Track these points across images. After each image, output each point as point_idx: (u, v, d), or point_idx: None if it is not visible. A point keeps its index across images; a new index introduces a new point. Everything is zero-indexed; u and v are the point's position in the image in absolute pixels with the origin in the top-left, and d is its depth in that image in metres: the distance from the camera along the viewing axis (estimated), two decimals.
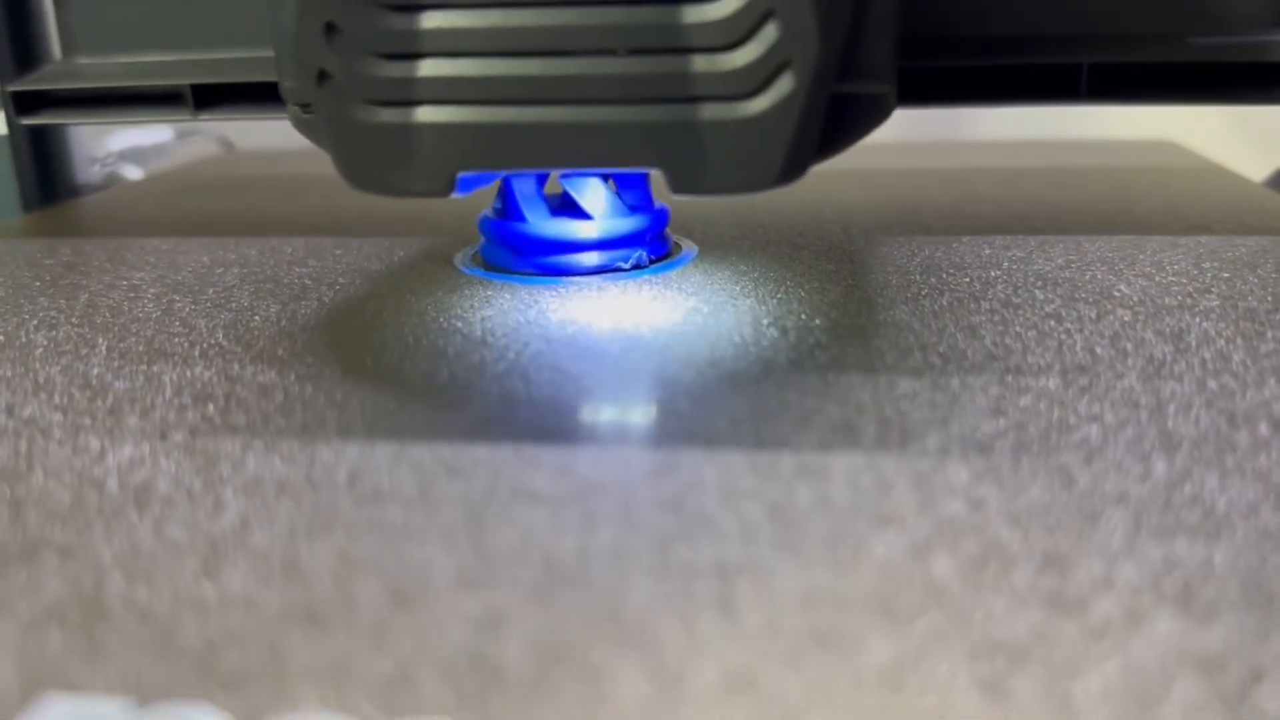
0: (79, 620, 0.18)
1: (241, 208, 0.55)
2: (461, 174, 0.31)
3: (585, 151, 0.31)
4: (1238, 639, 0.17)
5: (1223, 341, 0.30)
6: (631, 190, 0.40)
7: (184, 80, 0.44)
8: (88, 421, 0.26)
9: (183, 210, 0.54)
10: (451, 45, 0.30)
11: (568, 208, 0.40)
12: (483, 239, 0.42)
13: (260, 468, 0.23)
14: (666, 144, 0.30)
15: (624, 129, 0.30)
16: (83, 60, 0.47)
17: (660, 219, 0.41)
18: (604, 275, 0.39)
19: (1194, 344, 0.30)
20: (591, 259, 0.39)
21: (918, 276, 0.38)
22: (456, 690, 0.16)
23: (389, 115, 0.30)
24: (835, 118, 0.31)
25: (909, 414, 0.26)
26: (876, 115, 0.33)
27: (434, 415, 0.26)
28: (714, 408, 0.27)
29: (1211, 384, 0.27)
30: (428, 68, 0.30)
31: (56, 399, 0.28)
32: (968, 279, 0.37)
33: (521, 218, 0.40)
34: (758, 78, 0.29)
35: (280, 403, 0.27)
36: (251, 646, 0.17)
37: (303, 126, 0.33)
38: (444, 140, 0.30)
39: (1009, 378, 0.28)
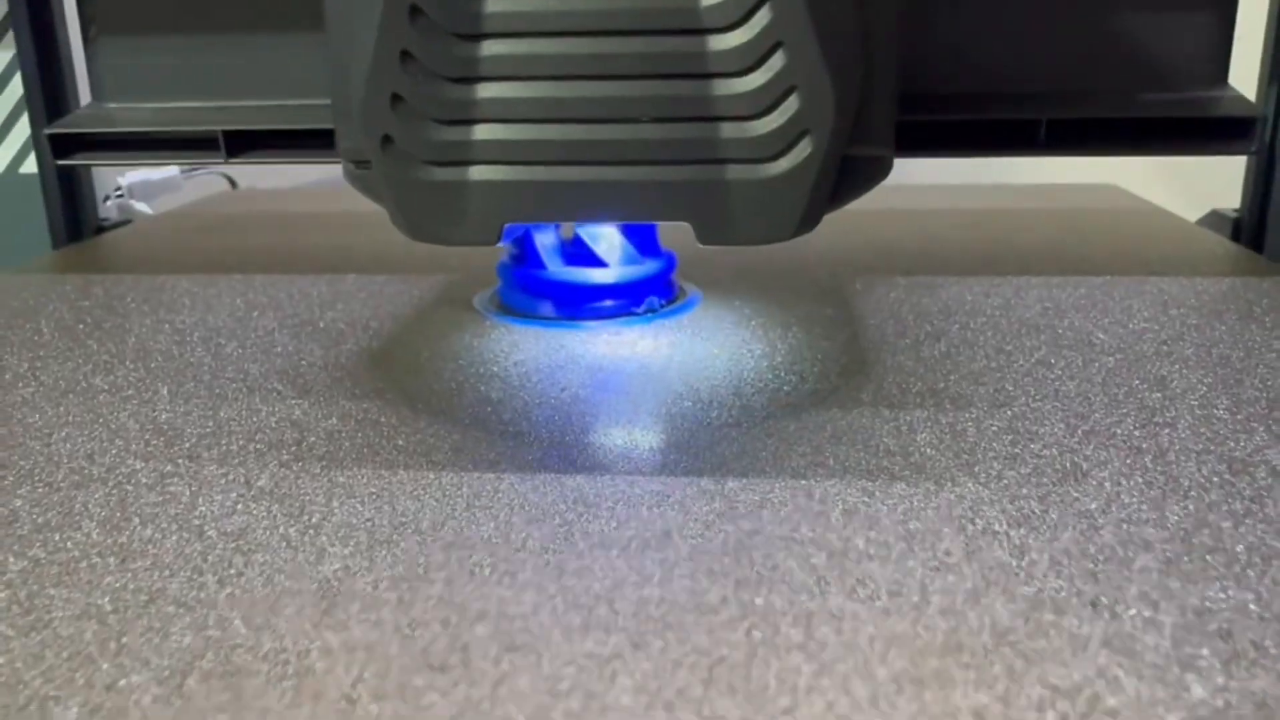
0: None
1: (255, 244, 0.55)
2: (508, 225, 0.32)
3: (622, 206, 0.32)
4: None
5: (1204, 388, 0.32)
6: (640, 238, 0.41)
7: (215, 126, 0.45)
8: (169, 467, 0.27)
9: (202, 247, 0.55)
10: (504, 113, 0.31)
11: (582, 255, 0.41)
12: (501, 283, 0.42)
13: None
14: (697, 200, 0.31)
15: (659, 187, 0.31)
16: (112, 106, 0.48)
17: (669, 265, 0.42)
18: (619, 319, 0.40)
19: (1179, 391, 0.31)
20: (608, 304, 0.40)
21: (912, 322, 0.39)
22: None
23: (446, 174, 0.31)
24: (844, 176, 0.33)
25: (936, 460, 0.27)
26: (878, 174, 0.35)
27: (497, 451, 0.27)
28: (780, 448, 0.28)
29: (1204, 431, 0.28)
30: (482, 132, 0.31)
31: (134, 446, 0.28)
32: (957, 325, 0.38)
33: (540, 264, 0.41)
34: (780, 143, 0.31)
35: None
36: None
37: (356, 181, 0.34)
38: (494, 196, 0.31)
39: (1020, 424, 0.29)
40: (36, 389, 0.32)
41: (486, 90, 0.30)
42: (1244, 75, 0.51)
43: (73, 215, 0.56)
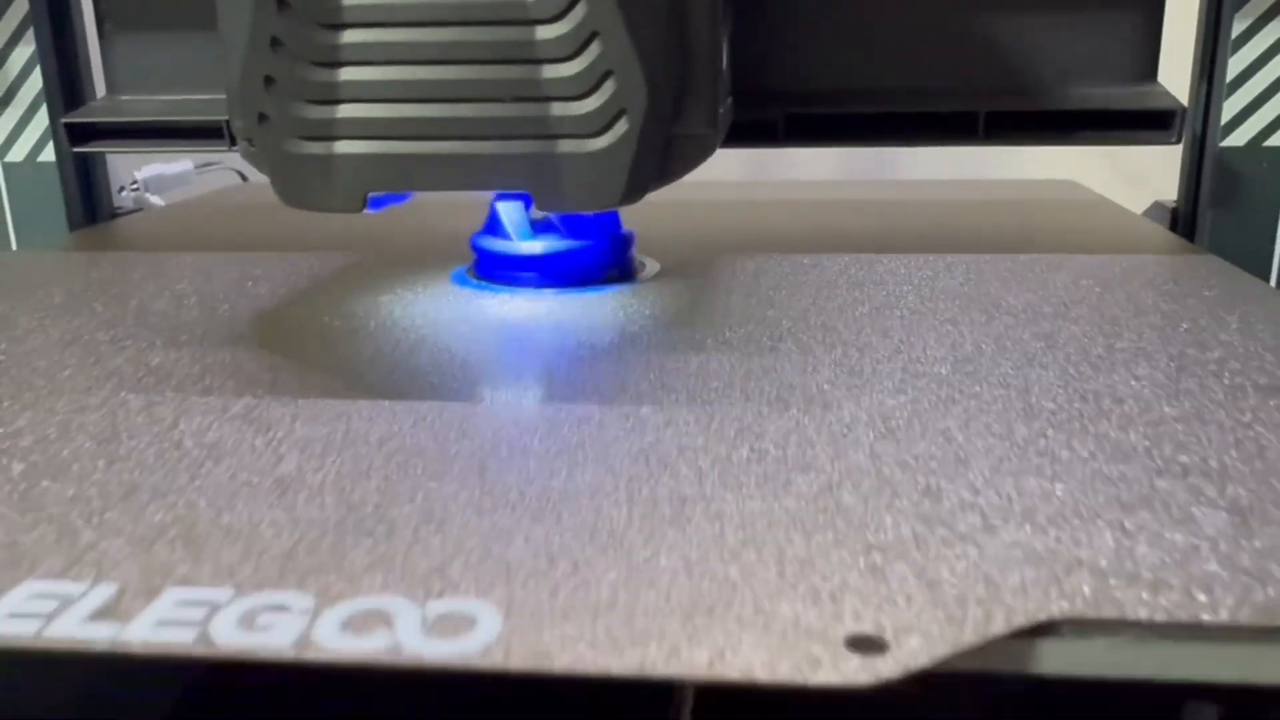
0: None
1: (258, 229, 0.58)
2: (371, 195, 0.37)
3: (470, 176, 0.36)
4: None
5: (1085, 339, 0.35)
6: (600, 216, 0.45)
7: (221, 117, 0.49)
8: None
9: (208, 230, 0.58)
10: (364, 93, 0.35)
11: (548, 228, 0.44)
12: (474, 256, 0.46)
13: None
14: (533, 172, 0.36)
15: (500, 160, 0.36)
16: (125, 98, 0.52)
17: (625, 240, 0.46)
18: (580, 287, 0.43)
19: (1062, 341, 0.34)
20: (569, 273, 0.44)
21: (845, 290, 0.42)
22: None
23: (314, 148, 0.36)
24: (669, 152, 0.37)
25: (829, 392, 0.30)
26: (703, 151, 0.39)
27: (448, 389, 0.30)
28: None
29: (1071, 371, 0.32)
30: (345, 110, 0.36)
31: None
32: (884, 292, 0.42)
33: (504, 235, 0.44)
34: (601, 121, 0.35)
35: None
36: None
37: (249, 157, 0.38)
38: (358, 168, 0.36)
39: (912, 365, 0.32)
40: (44, 340, 0.36)
41: (348, 74, 0.35)
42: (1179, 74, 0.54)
43: (88, 202, 0.59)
